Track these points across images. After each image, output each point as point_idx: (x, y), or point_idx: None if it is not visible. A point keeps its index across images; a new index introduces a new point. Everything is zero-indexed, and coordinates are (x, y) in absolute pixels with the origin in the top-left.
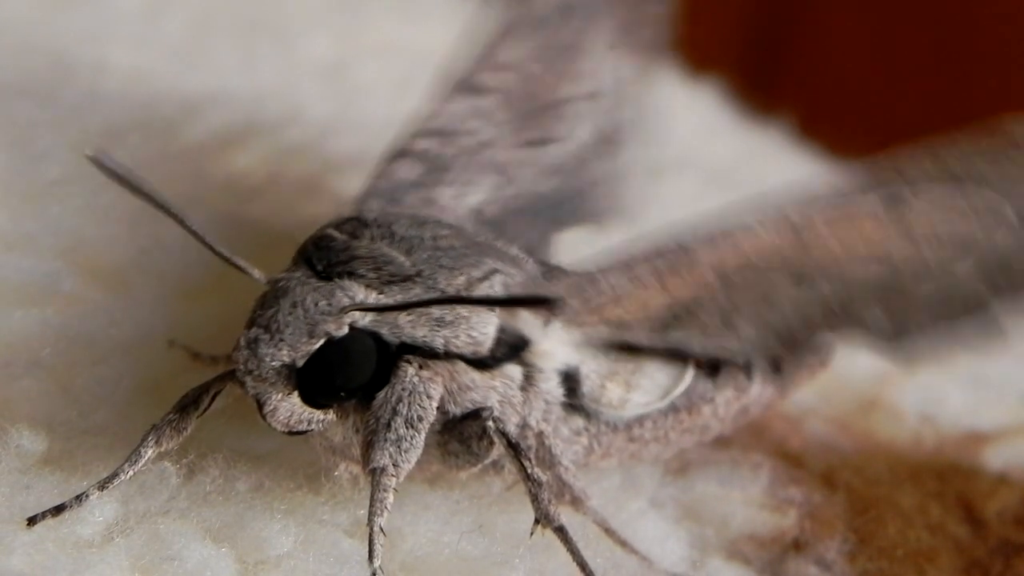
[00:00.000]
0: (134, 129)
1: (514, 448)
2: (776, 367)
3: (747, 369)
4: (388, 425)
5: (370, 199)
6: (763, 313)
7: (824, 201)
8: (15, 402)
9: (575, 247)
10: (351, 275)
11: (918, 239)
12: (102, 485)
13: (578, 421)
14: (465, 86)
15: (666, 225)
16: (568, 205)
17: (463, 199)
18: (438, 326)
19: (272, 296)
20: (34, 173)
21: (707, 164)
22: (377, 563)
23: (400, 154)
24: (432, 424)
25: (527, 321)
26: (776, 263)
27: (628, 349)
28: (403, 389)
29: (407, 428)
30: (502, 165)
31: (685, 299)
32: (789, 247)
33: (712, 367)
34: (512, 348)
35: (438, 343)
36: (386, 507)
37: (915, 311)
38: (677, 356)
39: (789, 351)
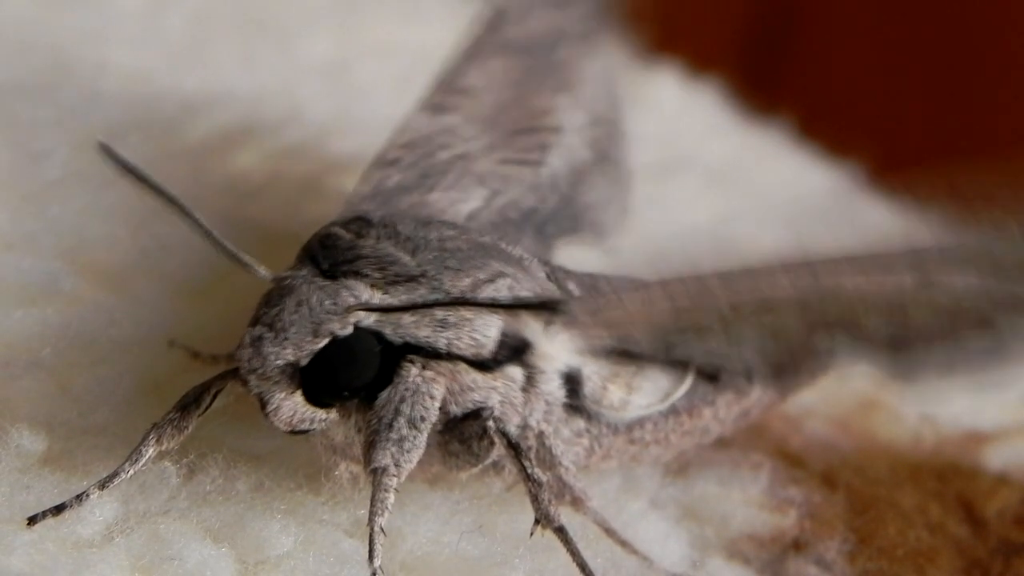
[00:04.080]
0: (134, 129)
1: (514, 448)
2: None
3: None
4: (390, 425)
5: (359, 204)
6: (769, 341)
7: (852, 256)
8: (15, 402)
9: (573, 258)
10: (356, 274)
11: (941, 310)
12: (102, 484)
13: (579, 422)
14: (451, 100)
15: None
16: (563, 223)
17: (454, 207)
18: (441, 327)
19: (277, 294)
20: (34, 173)
21: (707, 164)
22: (377, 563)
23: (385, 162)
24: (433, 424)
25: (530, 324)
26: (792, 306)
27: (630, 354)
28: (406, 389)
29: (409, 428)
30: (491, 178)
31: (694, 322)
32: (808, 294)
33: (713, 371)
34: (514, 350)
35: (441, 344)
36: (387, 507)
37: (925, 356)
38: (679, 363)
39: (791, 374)
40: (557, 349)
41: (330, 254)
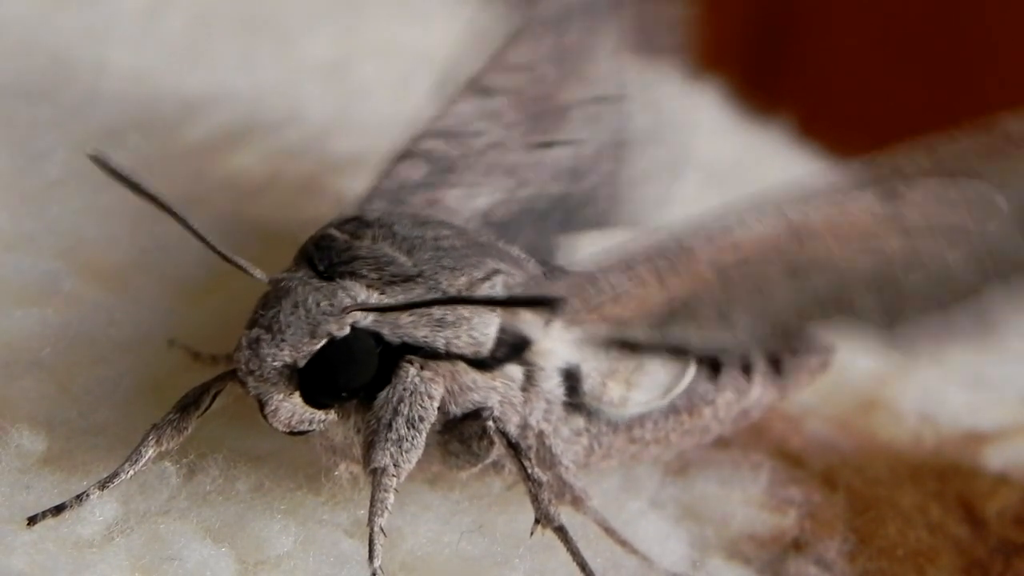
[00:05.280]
0: (134, 129)
1: (514, 448)
2: (776, 368)
3: (747, 371)
4: (389, 425)
5: (375, 199)
6: (758, 306)
7: (819, 196)
8: (15, 402)
9: (583, 250)
10: (353, 275)
11: (911, 231)
12: (102, 485)
13: (579, 421)
14: (473, 87)
15: (665, 224)
16: (577, 209)
17: (470, 201)
18: (439, 326)
19: (274, 296)
20: (34, 173)
21: (707, 164)
22: (377, 563)
23: (406, 154)
24: (433, 424)
25: (528, 321)
26: (771, 257)
27: (628, 347)
28: (404, 389)
29: (408, 428)
30: (510, 167)
31: (683, 295)
32: (784, 241)
33: (713, 367)
34: (513, 348)
35: (439, 343)
36: (387, 507)
37: (907, 300)
38: (678, 354)
39: (784, 343)
40: (556, 345)
41: (326, 255)
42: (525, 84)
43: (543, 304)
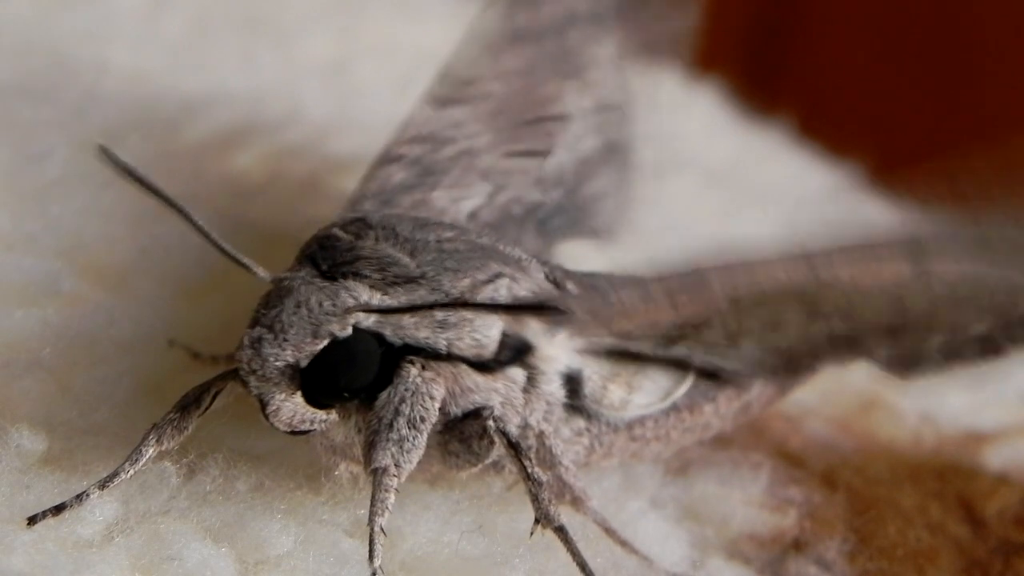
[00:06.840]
0: (134, 129)
1: (514, 448)
2: None
3: None
4: (390, 425)
5: (362, 202)
6: (769, 338)
7: (848, 246)
8: (15, 402)
9: (574, 257)
10: (356, 276)
11: (937, 297)
12: (102, 484)
13: (579, 422)
14: (458, 93)
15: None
16: (567, 217)
17: (457, 205)
18: (441, 328)
19: (276, 295)
20: (34, 173)
21: (707, 164)
22: (377, 563)
23: (389, 159)
24: (433, 424)
25: (531, 326)
26: (790, 298)
27: (631, 355)
28: (406, 390)
29: (409, 429)
30: (495, 174)
31: (694, 319)
32: (806, 285)
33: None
34: (515, 351)
35: (441, 345)
36: (387, 507)
37: (925, 352)
38: (679, 365)
39: (792, 375)
40: (558, 350)
41: (329, 255)
42: (514, 90)
43: (547, 311)
